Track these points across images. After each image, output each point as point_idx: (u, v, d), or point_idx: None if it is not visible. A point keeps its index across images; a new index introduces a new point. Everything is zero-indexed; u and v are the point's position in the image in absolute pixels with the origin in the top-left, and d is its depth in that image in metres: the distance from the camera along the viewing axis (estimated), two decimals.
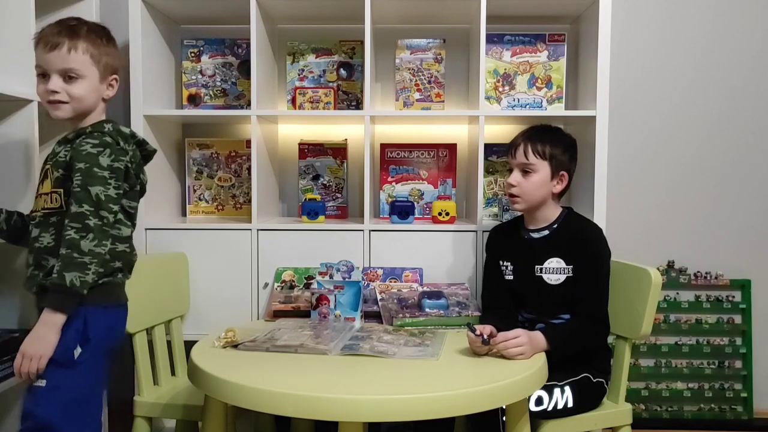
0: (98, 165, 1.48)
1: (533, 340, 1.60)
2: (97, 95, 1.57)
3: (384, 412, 1.30)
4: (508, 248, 1.91)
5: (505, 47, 2.27)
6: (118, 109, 2.50)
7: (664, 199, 2.58)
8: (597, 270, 1.78)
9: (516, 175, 1.81)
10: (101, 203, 1.46)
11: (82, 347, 1.48)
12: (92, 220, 1.44)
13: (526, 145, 1.80)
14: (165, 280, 2.03)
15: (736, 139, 2.56)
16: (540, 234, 1.86)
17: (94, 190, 1.46)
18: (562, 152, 1.82)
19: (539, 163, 1.79)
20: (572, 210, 1.92)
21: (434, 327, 1.80)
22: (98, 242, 1.44)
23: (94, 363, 1.52)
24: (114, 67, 1.60)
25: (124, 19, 2.20)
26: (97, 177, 1.47)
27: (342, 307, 1.86)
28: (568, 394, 1.68)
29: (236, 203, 2.47)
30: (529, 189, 1.80)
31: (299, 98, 2.29)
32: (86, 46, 1.52)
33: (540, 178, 1.80)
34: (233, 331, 1.66)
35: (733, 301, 2.56)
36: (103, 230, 1.46)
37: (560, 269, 1.80)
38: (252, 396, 1.32)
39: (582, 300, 1.77)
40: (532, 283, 1.83)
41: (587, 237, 1.80)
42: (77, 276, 1.41)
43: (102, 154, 1.49)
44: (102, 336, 1.53)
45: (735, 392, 2.54)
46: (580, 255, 1.79)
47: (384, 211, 2.38)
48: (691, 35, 2.54)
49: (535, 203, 1.83)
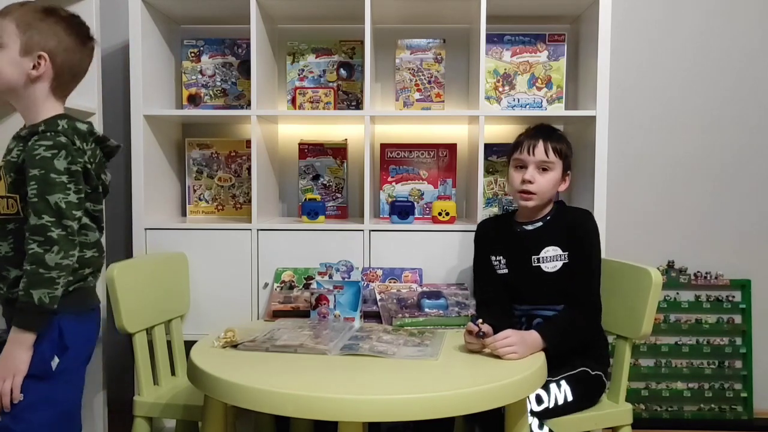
0: (54, 170, 1.37)
1: (526, 340, 1.60)
2: (17, 70, 1.42)
3: (383, 412, 1.30)
4: (499, 243, 1.91)
5: (505, 47, 2.27)
6: (119, 109, 2.51)
7: (664, 199, 2.58)
8: (591, 254, 1.81)
9: (533, 172, 1.81)
10: (62, 212, 1.37)
11: (60, 357, 1.43)
12: (55, 231, 1.35)
13: (546, 143, 1.81)
14: (165, 280, 2.03)
15: (736, 138, 2.56)
16: (534, 226, 1.87)
17: (53, 199, 1.36)
18: (571, 152, 1.88)
19: (557, 161, 1.83)
20: (563, 202, 1.96)
21: (433, 327, 1.80)
22: (64, 254, 1.36)
23: (74, 372, 1.47)
24: (43, 45, 1.42)
25: (124, 19, 2.21)
26: (55, 184, 1.36)
27: (341, 307, 1.86)
28: (565, 388, 1.69)
29: (236, 203, 2.47)
30: (546, 186, 1.82)
31: (299, 98, 2.29)
32: (18, 15, 1.41)
33: (555, 176, 1.83)
34: (233, 331, 1.66)
35: (733, 301, 2.55)
36: (68, 240, 1.37)
37: (557, 256, 1.82)
38: (252, 396, 1.32)
39: (580, 288, 1.78)
40: (529, 274, 1.84)
41: (581, 222, 1.84)
42: (46, 293, 1.34)
43: (57, 157, 1.37)
44: (80, 343, 1.48)
45: (735, 392, 2.54)
46: (574, 240, 1.81)
47: (384, 211, 2.38)
48: (691, 35, 2.54)
49: (546, 201, 1.85)
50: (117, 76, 2.51)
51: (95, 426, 2.19)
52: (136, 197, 2.17)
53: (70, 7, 2.09)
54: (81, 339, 1.49)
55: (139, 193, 2.17)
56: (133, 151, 2.17)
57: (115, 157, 1.88)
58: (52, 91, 1.48)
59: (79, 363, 1.50)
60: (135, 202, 2.17)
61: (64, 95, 1.53)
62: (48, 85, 1.47)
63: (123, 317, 1.78)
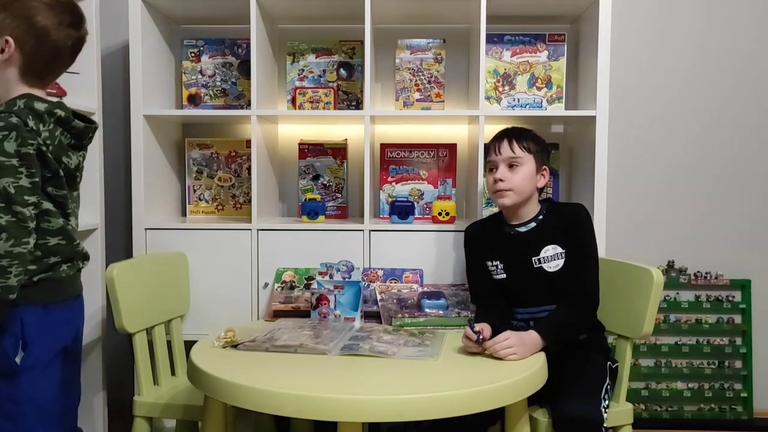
0: (3, 153, 1.29)
1: (525, 340, 1.60)
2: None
3: (383, 412, 1.30)
4: (493, 247, 1.89)
5: (505, 47, 2.27)
6: (119, 109, 2.51)
7: (664, 199, 2.58)
8: (583, 245, 1.81)
9: (503, 170, 1.82)
10: (11, 197, 1.29)
11: (24, 351, 1.37)
12: (4, 218, 1.29)
13: (511, 140, 1.83)
14: (165, 280, 2.03)
15: (736, 138, 2.56)
16: (527, 227, 1.86)
17: (1, 183, 1.29)
18: (542, 149, 1.87)
19: (525, 156, 1.82)
20: (551, 199, 1.95)
21: (434, 327, 1.80)
22: (15, 241, 1.29)
23: (46, 366, 1.41)
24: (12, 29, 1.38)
25: (124, 19, 2.20)
26: (3, 168, 1.29)
27: (342, 307, 1.86)
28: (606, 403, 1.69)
29: (236, 203, 2.47)
30: (519, 182, 1.81)
31: (299, 98, 2.29)
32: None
33: (527, 170, 1.82)
34: (233, 331, 1.66)
35: (733, 301, 2.55)
36: (20, 227, 1.30)
37: (557, 254, 1.81)
38: (252, 396, 1.32)
39: (575, 280, 1.78)
40: (531, 277, 1.82)
41: (575, 215, 1.84)
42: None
43: (7, 139, 1.30)
44: (45, 336, 1.41)
45: (735, 392, 2.54)
46: (572, 236, 1.81)
47: (384, 211, 2.38)
48: (691, 35, 2.54)
49: (524, 197, 1.83)
50: (117, 76, 2.51)
51: (95, 426, 2.19)
52: (136, 197, 2.17)
53: None
54: (47, 332, 1.41)
55: (139, 193, 2.17)
56: (133, 151, 2.17)
57: (115, 157, 1.89)
58: (22, 75, 1.42)
59: (51, 356, 1.43)
60: (135, 202, 2.17)
61: (40, 79, 1.46)
62: (17, 69, 1.41)
63: (123, 317, 1.79)
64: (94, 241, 2.16)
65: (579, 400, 1.63)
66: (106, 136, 2.27)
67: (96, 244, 2.16)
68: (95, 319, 2.18)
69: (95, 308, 2.17)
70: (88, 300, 2.16)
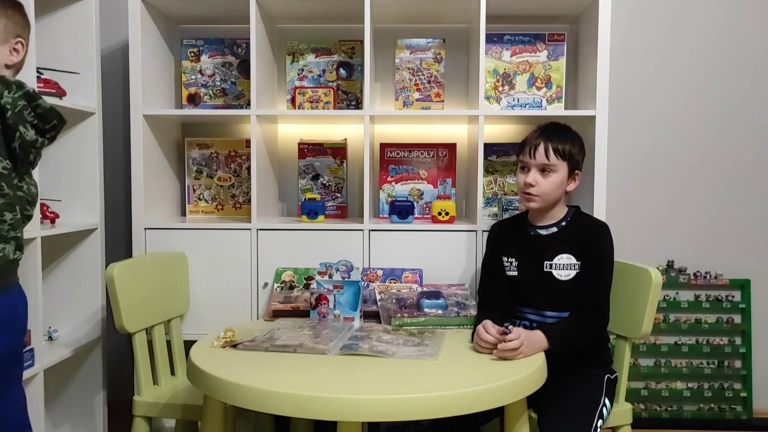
0: None
1: (533, 339, 1.61)
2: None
3: (383, 412, 1.30)
4: (512, 244, 1.89)
5: (504, 47, 2.27)
6: (118, 109, 2.51)
7: (664, 199, 2.58)
8: (605, 266, 1.78)
9: (534, 175, 1.79)
10: None
11: None
12: None
13: (547, 145, 1.78)
14: (164, 280, 2.03)
15: (736, 138, 2.56)
16: (548, 231, 1.85)
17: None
18: (578, 151, 1.83)
19: (559, 163, 1.78)
20: (579, 208, 1.92)
21: (433, 327, 1.80)
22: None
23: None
24: (17, 32, 1.47)
25: (123, 19, 2.21)
26: None
27: (341, 307, 1.86)
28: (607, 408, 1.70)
29: (236, 203, 2.47)
30: (548, 189, 1.79)
31: (299, 98, 2.29)
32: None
33: (559, 177, 1.79)
34: (232, 330, 1.66)
35: (732, 300, 2.56)
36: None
37: (570, 265, 1.79)
38: (251, 396, 1.32)
39: (588, 294, 1.76)
40: (540, 279, 1.81)
41: (597, 233, 1.80)
42: None
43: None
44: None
45: (734, 392, 2.54)
46: (589, 250, 1.78)
47: (384, 210, 2.38)
48: (691, 34, 2.54)
49: (550, 202, 1.82)
50: (117, 76, 2.51)
51: (95, 426, 2.20)
52: (136, 197, 2.17)
53: (70, 7, 2.12)
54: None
55: (138, 192, 2.17)
56: (133, 151, 2.17)
57: (115, 157, 1.88)
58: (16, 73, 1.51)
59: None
60: (135, 202, 2.17)
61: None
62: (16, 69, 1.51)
63: (123, 317, 1.79)
64: (93, 240, 2.16)
65: (570, 424, 1.62)
66: (105, 135, 2.27)
67: (96, 244, 2.16)
68: (95, 319, 2.18)
69: (95, 308, 2.17)
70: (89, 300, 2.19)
